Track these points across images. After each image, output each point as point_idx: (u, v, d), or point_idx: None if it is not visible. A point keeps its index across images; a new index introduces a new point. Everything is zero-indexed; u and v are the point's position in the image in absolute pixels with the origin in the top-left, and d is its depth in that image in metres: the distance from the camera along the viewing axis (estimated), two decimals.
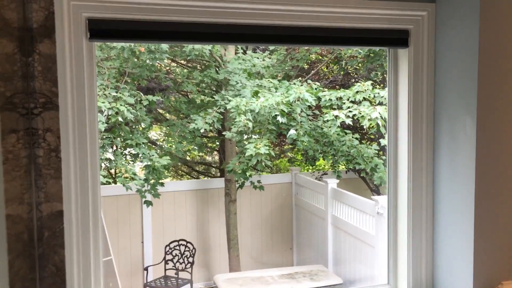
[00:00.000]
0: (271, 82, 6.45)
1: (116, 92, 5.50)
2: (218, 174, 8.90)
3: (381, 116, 5.64)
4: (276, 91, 6.26)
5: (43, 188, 1.56)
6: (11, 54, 1.51)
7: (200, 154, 9.01)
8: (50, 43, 1.54)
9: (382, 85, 6.68)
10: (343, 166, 7.38)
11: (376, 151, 6.34)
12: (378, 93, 5.91)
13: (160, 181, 6.20)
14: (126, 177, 6.00)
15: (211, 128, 6.22)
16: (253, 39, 2.13)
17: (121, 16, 1.77)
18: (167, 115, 7.92)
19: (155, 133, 8.33)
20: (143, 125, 6.16)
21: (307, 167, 8.94)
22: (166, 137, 7.57)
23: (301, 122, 6.08)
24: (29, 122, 1.53)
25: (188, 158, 8.69)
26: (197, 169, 9.59)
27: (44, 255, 1.57)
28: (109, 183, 7.48)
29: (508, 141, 2.05)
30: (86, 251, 1.79)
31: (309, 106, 6.23)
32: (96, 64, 1.87)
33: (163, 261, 7.04)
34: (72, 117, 1.75)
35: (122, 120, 5.40)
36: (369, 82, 6.14)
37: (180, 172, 9.37)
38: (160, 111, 7.81)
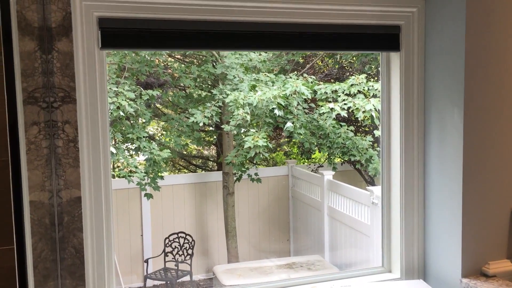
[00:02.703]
0: (267, 76, 6.53)
1: (117, 87, 5.59)
2: (216, 168, 8.99)
3: (375, 108, 5.76)
4: (273, 85, 6.35)
5: (63, 176, 1.68)
6: (32, 52, 1.62)
7: (198, 148, 9.09)
8: (67, 41, 1.65)
9: (376, 78, 6.79)
10: (339, 159, 7.50)
11: (371, 143, 6.47)
12: (372, 86, 6.03)
13: (160, 174, 6.29)
14: (128, 171, 6.09)
15: (209, 121, 6.31)
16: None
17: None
18: (165, 110, 7.99)
19: (151, 128, 8.39)
20: (143, 120, 6.24)
21: (303, 160, 9.04)
22: (164, 132, 7.64)
23: (297, 115, 6.19)
24: (49, 115, 1.65)
25: (184, 152, 8.77)
26: (194, 163, 9.67)
27: (64, 238, 1.70)
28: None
29: (493, 131, 2.15)
30: (99, 234, 1.90)
31: (305, 99, 6.34)
32: (105, 60, 1.97)
33: (163, 253, 7.11)
34: (86, 110, 1.84)
35: (123, 114, 5.49)
36: (363, 75, 6.25)
37: (177, 166, 9.44)
38: (158, 106, 7.88)
